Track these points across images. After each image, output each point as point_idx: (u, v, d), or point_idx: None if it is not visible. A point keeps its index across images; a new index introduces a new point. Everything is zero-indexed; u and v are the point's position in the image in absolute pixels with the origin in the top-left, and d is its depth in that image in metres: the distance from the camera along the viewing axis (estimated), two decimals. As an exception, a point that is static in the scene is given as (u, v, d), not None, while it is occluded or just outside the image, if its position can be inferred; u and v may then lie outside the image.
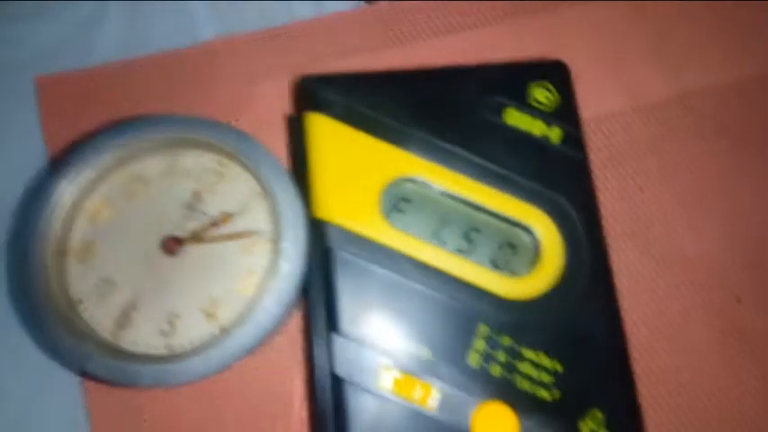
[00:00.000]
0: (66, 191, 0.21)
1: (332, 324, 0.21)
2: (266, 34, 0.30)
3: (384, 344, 0.21)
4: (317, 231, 0.22)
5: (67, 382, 0.24)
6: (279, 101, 0.29)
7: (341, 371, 0.21)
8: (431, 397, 0.20)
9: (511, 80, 0.24)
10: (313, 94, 0.24)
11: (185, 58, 0.30)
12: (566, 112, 0.24)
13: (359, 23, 0.31)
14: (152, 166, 0.23)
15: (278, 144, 0.27)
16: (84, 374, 0.21)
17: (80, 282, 0.21)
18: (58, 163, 0.22)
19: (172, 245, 0.22)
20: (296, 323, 0.26)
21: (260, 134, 0.26)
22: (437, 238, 0.23)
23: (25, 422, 0.24)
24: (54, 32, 0.30)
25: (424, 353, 0.21)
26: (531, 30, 0.31)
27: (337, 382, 0.21)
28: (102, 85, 0.29)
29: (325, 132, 0.23)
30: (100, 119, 0.28)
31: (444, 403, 0.20)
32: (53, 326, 0.20)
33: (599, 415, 0.21)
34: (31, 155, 0.28)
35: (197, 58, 0.30)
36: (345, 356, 0.21)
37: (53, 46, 0.30)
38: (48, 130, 0.28)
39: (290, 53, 0.30)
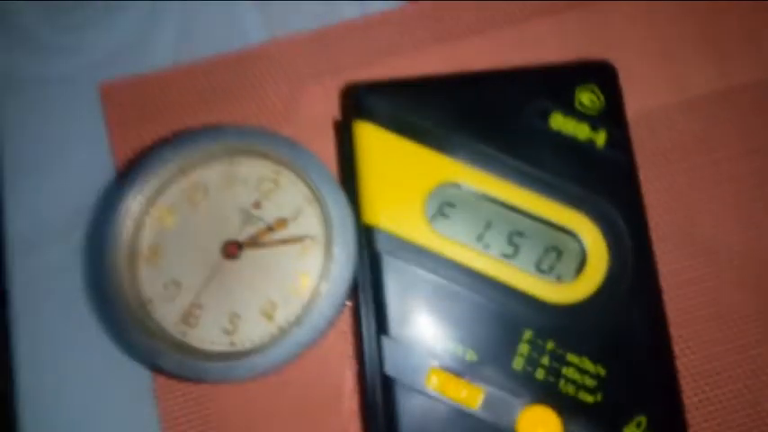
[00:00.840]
0: (134, 200, 0.23)
1: (381, 327, 0.22)
2: (313, 35, 0.31)
3: (432, 346, 0.22)
4: (366, 236, 0.23)
5: (138, 375, 0.26)
6: (326, 103, 0.30)
7: (390, 371, 0.22)
8: (477, 398, 0.21)
9: (557, 84, 0.24)
10: (360, 102, 0.24)
11: (236, 62, 0.31)
12: (612, 115, 0.24)
13: (403, 22, 0.31)
14: (211, 175, 0.24)
15: (326, 146, 0.28)
16: (155, 369, 0.22)
17: (149, 283, 0.23)
18: (126, 174, 0.23)
19: (232, 249, 0.23)
20: (344, 319, 0.27)
21: (308, 136, 0.28)
22: (481, 243, 0.23)
23: (98, 412, 0.26)
24: (114, 38, 0.32)
25: (471, 355, 0.22)
26: (576, 25, 0.30)
27: (387, 382, 0.22)
28: (159, 89, 0.31)
29: (372, 140, 0.24)
30: (158, 121, 0.30)
31: (490, 405, 0.21)
32: (127, 324, 0.22)
33: (643, 420, 0.21)
34: (98, 157, 0.29)
35: (247, 61, 0.31)
36: (394, 357, 0.22)
37: (111, 54, 0.31)
38: (112, 132, 0.30)
39: (336, 54, 0.30)
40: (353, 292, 0.24)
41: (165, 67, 0.31)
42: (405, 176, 0.24)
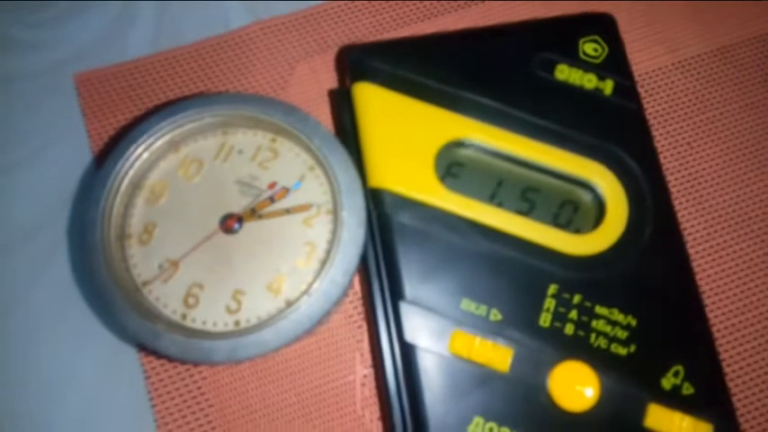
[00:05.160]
0: (124, 175, 0.21)
1: (397, 292, 0.21)
2: (296, 16, 0.30)
3: (453, 308, 0.21)
4: (373, 200, 0.22)
5: (132, 365, 0.24)
6: (316, 79, 0.28)
7: (411, 338, 0.20)
8: (506, 359, 0.20)
9: (560, 36, 0.24)
10: (358, 64, 0.23)
11: (220, 46, 0.30)
12: (616, 64, 0.23)
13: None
14: (204, 147, 0.23)
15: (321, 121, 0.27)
16: (156, 354, 0.20)
17: (144, 264, 0.21)
18: (113, 147, 0.22)
19: (230, 223, 0.22)
20: (349, 302, 0.26)
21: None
22: (495, 200, 0.22)
23: (93, 405, 0.24)
24: (89, 32, 0.30)
25: (495, 315, 0.21)
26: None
27: (408, 350, 0.20)
28: (139, 77, 0.29)
29: (374, 101, 0.23)
30: (138, 108, 0.29)
31: (519, 365, 0.20)
32: (121, 308, 0.20)
33: (680, 369, 0.20)
34: (77, 149, 0.28)
35: (232, 44, 0.30)
36: (414, 323, 0.21)
37: (89, 45, 0.30)
38: (90, 122, 0.29)
39: (321, 33, 0.30)
40: (363, 263, 0.22)
41: (144, 56, 0.30)
42: (411, 136, 0.22)
